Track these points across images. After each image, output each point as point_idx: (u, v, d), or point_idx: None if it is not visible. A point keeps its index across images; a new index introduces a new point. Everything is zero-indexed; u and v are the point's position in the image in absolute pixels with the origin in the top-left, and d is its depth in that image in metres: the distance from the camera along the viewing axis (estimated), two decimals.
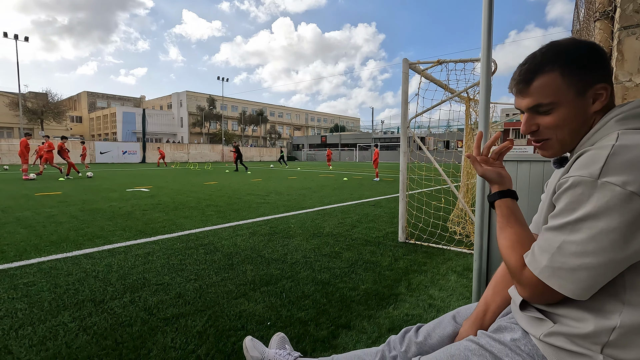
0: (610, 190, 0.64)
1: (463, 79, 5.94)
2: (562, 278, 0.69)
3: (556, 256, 0.70)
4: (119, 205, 6.41)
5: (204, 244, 3.73)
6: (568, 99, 0.78)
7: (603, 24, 1.94)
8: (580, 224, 0.67)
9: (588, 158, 0.69)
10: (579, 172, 0.69)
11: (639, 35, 1.72)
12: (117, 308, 2.22)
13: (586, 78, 0.77)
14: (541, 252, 0.73)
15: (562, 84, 0.78)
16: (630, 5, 1.73)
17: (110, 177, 13.52)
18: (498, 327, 0.87)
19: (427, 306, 2.31)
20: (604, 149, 0.68)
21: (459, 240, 3.98)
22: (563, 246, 0.69)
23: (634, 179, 0.62)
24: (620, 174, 0.63)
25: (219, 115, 57.12)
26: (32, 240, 3.82)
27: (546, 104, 0.79)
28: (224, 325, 2.01)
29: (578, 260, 0.67)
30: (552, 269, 0.70)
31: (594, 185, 0.65)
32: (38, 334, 1.90)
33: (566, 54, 0.78)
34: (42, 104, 42.83)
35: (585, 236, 0.66)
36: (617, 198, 0.63)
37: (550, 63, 0.79)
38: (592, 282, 0.67)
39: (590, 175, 0.66)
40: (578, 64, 0.77)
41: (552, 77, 0.78)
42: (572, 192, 0.69)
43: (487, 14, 1.91)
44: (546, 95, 0.79)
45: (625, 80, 1.77)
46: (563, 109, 0.79)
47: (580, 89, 0.78)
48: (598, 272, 0.66)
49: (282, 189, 9.60)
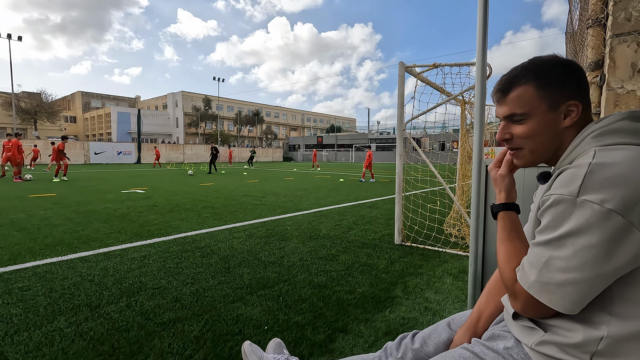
0: (589, 208, 0.66)
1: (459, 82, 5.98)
2: (551, 293, 0.71)
3: (544, 271, 0.72)
4: (114, 207, 6.37)
5: (200, 247, 3.73)
6: (540, 111, 0.82)
7: (595, 31, 1.97)
8: (564, 240, 0.69)
9: (567, 176, 0.72)
10: (559, 190, 0.71)
11: (630, 43, 1.75)
12: (114, 313, 2.21)
13: (558, 94, 0.81)
14: (530, 267, 0.75)
15: (535, 96, 0.82)
16: (622, 14, 1.76)
17: (105, 178, 13.43)
18: (491, 335, 0.89)
19: (423, 309, 2.33)
20: (581, 167, 0.70)
21: (454, 242, 4.01)
22: (550, 262, 0.71)
23: (611, 196, 0.65)
24: (598, 192, 0.66)
25: (214, 115, 56.94)
26: (27, 244, 3.79)
27: (519, 114, 0.84)
28: (221, 330, 2.01)
29: (564, 275, 0.69)
30: (541, 283, 0.73)
31: (574, 203, 0.68)
32: (34, 339, 1.89)
33: (543, 69, 0.83)
34: (36, 104, 42.45)
35: (569, 252, 0.68)
36: (596, 215, 0.65)
37: (527, 76, 0.83)
38: (579, 296, 0.69)
39: (570, 194, 0.69)
40: (552, 79, 0.82)
41: (527, 89, 0.83)
42: (554, 209, 0.71)
43: (481, 19, 1.93)
44: (520, 105, 0.83)
45: (617, 87, 1.80)
46: (534, 120, 0.83)
47: (552, 104, 0.82)
48: (584, 287, 0.68)
49: (278, 190, 9.60)
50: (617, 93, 1.80)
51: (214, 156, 18.56)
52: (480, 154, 2.05)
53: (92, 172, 17.50)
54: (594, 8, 1.96)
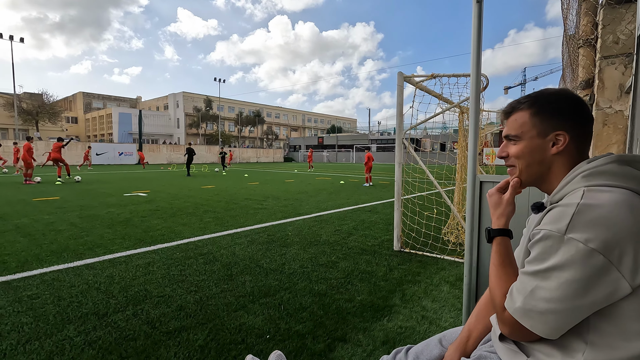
0: (575, 246, 0.72)
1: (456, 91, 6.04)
2: (533, 319, 0.78)
3: (528, 299, 0.78)
4: (117, 211, 6.45)
5: (203, 254, 3.81)
6: (530, 136, 0.91)
7: (586, 51, 2.04)
8: (550, 272, 0.76)
9: (557, 214, 0.79)
10: (548, 226, 0.78)
11: (618, 65, 1.82)
12: (121, 321, 2.29)
13: (548, 123, 0.89)
14: (517, 293, 0.82)
15: (528, 122, 0.92)
16: (610, 37, 1.83)
17: (107, 181, 13.52)
18: (479, 356, 0.96)
19: (420, 318, 2.40)
20: (570, 207, 0.77)
21: (451, 249, 4.08)
22: (535, 291, 0.78)
23: (594, 236, 0.71)
24: (583, 232, 0.72)
25: (215, 116, 57.05)
26: (33, 250, 3.88)
27: (512, 135, 0.94)
28: (224, 339, 2.09)
29: (546, 304, 0.76)
30: (524, 310, 0.79)
31: (561, 240, 0.74)
32: (45, 348, 1.97)
33: (541, 99, 0.92)
34: (38, 104, 42.56)
35: (553, 284, 0.75)
36: (580, 253, 0.72)
37: (526, 103, 0.93)
38: (559, 324, 0.76)
39: (558, 231, 0.75)
40: (546, 109, 0.90)
41: (523, 115, 0.92)
42: (543, 244, 0.78)
43: (476, 35, 2.00)
44: (514, 128, 0.94)
45: (606, 107, 1.87)
46: (524, 143, 0.92)
47: (541, 131, 0.90)
48: (563, 316, 0.75)
49: (279, 193, 9.67)
50: (606, 113, 1.87)
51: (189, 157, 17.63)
52: (474, 168, 2.12)
53: (93, 174, 17.60)
54: (584, 29, 2.03)
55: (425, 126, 4.53)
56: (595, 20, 1.98)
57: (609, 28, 1.86)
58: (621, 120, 1.84)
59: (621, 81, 1.83)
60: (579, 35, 2.13)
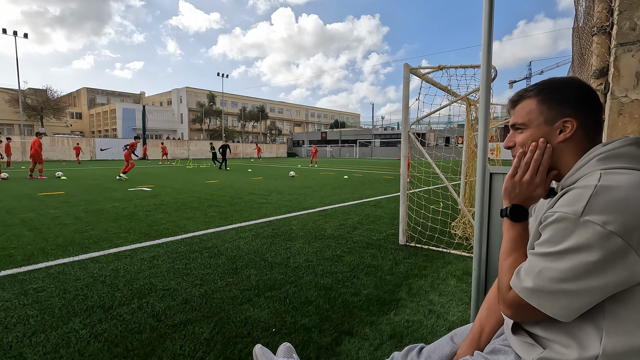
0: (592, 228, 0.69)
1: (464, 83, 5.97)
2: (541, 298, 0.76)
3: (537, 279, 0.77)
4: (122, 205, 6.47)
5: (207, 247, 3.80)
6: (537, 123, 0.88)
7: (600, 39, 1.98)
8: (563, 255, 0.73)
9: (573, 196, 0.75)
10: (564, 208, 0.75)
11: (635, 53, 1.76)
12: (126, 314, 2.28)
13: (555, 110, 0.86)
14: (525, 274, 0.80)
15: (535, 110, 0.89)
16: (627, 23, 1.77)
17: (112, 176, 13.57)
18: (493, 349, 0.93)
19: (427, 312, 2.38)
20: (587, 189, 0.73)
21: (458, 243, 4.04)
22: (544, 271, 0.76)
23: (613, 219, 0.68)
24: (601, 214, 0.69)
25: (219, 111, 57.04)
26: (39, 244, 3.89)
27: (519, 123, 0.91)
28: (230, 332, 2.07)
29: (556, 285, 0.74)
30: (532, 289, 0.77)
31: (577, 222, 0.71)
32: (51, 341, 1.97)
33: (548, 87, 0.89)
34: (42, 100, 42.78)
35: (565, 266, 0.73)
36: (597, 236, 0.69)
37: (533, 91, 0.90)
38: (570, 305, 0.74)
39: (574, 213, 0.72)
40: (552, 96, 0.88)
41: (530, 103, 0.90)
42: (556, 226, 0.75)
43: (487, 25, 1.95)
44: (521, 116, 0.91)
45: (622, 96, 1.82)
46: (531, 131, 0.89)
47: (549, 118, 0.87)
48: (575, 297, 0.73)
49: (283, 188, 9.66)
50: (621, 102, 1.81)
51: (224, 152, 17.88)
52: (484, 160, 2.07)
53: (98, 169, 17.69)
54: (599, 16, 1.96)
55: (429, 120, 4.47)
56: (610, 6, 1.91)
57: (625, 14, 1.79)
58: (637, 110, 1.78)
59: (638, 69, 1.77)
60: (592, 22, 2.06)
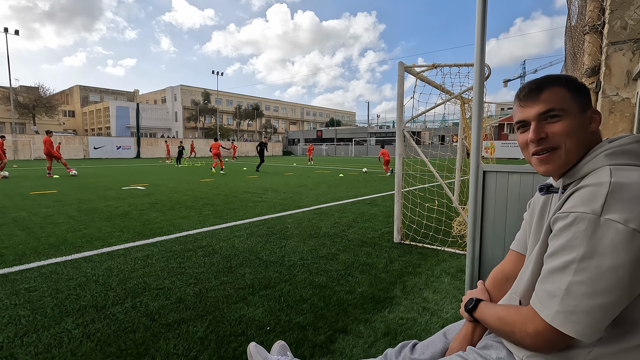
0: (614, 228, 0.65)
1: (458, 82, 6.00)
2: (578, 323, 0.67)
3: (566, 299, 0.68)
4: (115, 204, 6.41)
5: (202, 246, 3.78)
6: (574, 111, 0.83)
7: (592, 38, 1.99)
8: (586, 262, 0.67)
9: (587, 194, 0.71)
10: (580, 208, 0.70)
11: (625, 52, 1.78)
12: (119, 314, 2.27)
13: (585, 100, 0.85)
14: (549, 297, 0.71)
15: (569, 96, 0.84)
16: (618, 22, 1.78)
17: (105, 174, 13.46)
18: (485, 344, 0.94)
19: (421, 309, 2.39)
20: (601, 186, 0.70)
21: (452, 240, 4.06)
22: (571, 287, 0.68)
23: (634, 216, 0.65)
24: (622, 212, 0.65)
25: (213, 109, 56.75)
26: (31, 243, 3.84)
27: (558, 109, 0.82)
28: (224, 331, 2.07)
29: (591, 301, 0.66)
30: (565, 313, 0.68)
31: (597, 222, 0.67)
32: (43, 341, 1.95)
33: (566, 78, 0.87)
34: (34, 98, 42.21)
35: (593, 275, 0.66)
36: (621, 236, 0.64)
37: (555, 80, 0.86)
38: (604, 323, 0.67)
39: (593, 212, 0.67)
40: (577, 86, 0.85)
41: (561, 90, 0.84)
42: (575, 228, 0.69)
43: (480, 24, 1.95)
44: (557, 102, 0.83)
45: (612, 95, 1.83)
46: (571, 118, 0.82)
47: (582, 106, 0.84)
48: (610, 311, 0.66)
49: (278, 186, 9.64)
50: (612, 100, 1.83)
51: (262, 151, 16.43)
52: (478, 158, 2.08)
53: (91, 168, 17.53)
54: (591, 15, 1.98)
55: (424, 119, 4.48)
56: (602, 5, 1.93)
57: (617, 13, 1.81)
58: (628, 108, 1.81)
59: (629, 68, 1.79)
60: (584, 21, 2.08)
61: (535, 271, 0.85)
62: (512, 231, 2.19)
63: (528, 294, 0.86)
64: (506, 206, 2.19)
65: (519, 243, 1.10)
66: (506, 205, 2.19)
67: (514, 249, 1.11)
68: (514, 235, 1.16)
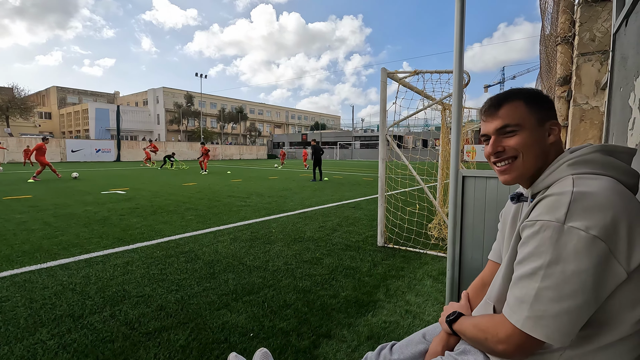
0: (576, 235, 0.69)
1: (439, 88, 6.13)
2: (547, 327, 0.70)
3: (535, 305, 0.71)
4: (94, 209, 6.24)
5: (184, 252, 3.72)
6: (530, 124, 0.87)
7: (564, 49, 2.09)
8: (552, 268, 0.70)
9: (551, 203, 0.75)
10: (545, 216, 0.74)
11: (594, 62, 1.87)
12: (97, 323, 2.21)
13: (542, 112, 0.89)
14: (519, 303, 0.74)
15: (525, 111, 0.88)
16: (587, 34, 1.87)
17: (84, 178, 13.07)
18: (463, 349, 0.96)
19: (403, 312, 2.42)
20: (564, 195, 0.74)
21: (434, 243, 4.13)
22: (540, 293, 0.71)
23: (594, 223, 0.68)
24: (583, 219, 0.69)
25: (197, 112, 56.00)
26: (3, 251, 3.70)
27: (513, 124, 0.88)
28: (207, 338, 2.04)
29: (558, 305, 0.69)
30: (534, 319, 0.71)
31: (561, 229, 0.70)
32: (15, 353, 1.87)
33: (526, 91, 0.91)
34: (8, 99, 40.67)
35: (559, 280, 0.69)
36: (583, 242, 0.68)
37: (515, 95, 0.91)
38: (573, 326, 0.70)
39: (557, 220, 0.71)
40: (536, 99, 0.90)
41: (518, 105, 0.89)
42: (541, 236, 0.73)
43: (458, 33, 2.01)
44: (512, 117, 0.88)
45: (583, 103, 1.92)
46: (526, 132, 0.87)
47: (539, 119, 0.88)
48: (577, 315, 0.69)
49: (263, 190, 9.58)
50: (583, 109, 1.92)
51: (317, 157, 12.70)
52: (457, 163, 2.14)
53: (69, 172, 16.98)
54: (562, 27, 2.07)
55: (408, 123, 4.57)
56: (572, 17, 2.02)
57: (585, 26, 1.90)
58: (597, 116, 1.89)
59: (597, 78, 1.88)
60: (557, 32, 2.17)
61: (506, 277, 0.88)
62: (490, 234, 2.25)
63: (501, 299, 0.89)
64: (484, 210, 2.25)
65: (495, 253, 1.14)
66: (484, 210, 2.25)
67: (491, 258, 1.15)
68: (492, 238, 1.20)
